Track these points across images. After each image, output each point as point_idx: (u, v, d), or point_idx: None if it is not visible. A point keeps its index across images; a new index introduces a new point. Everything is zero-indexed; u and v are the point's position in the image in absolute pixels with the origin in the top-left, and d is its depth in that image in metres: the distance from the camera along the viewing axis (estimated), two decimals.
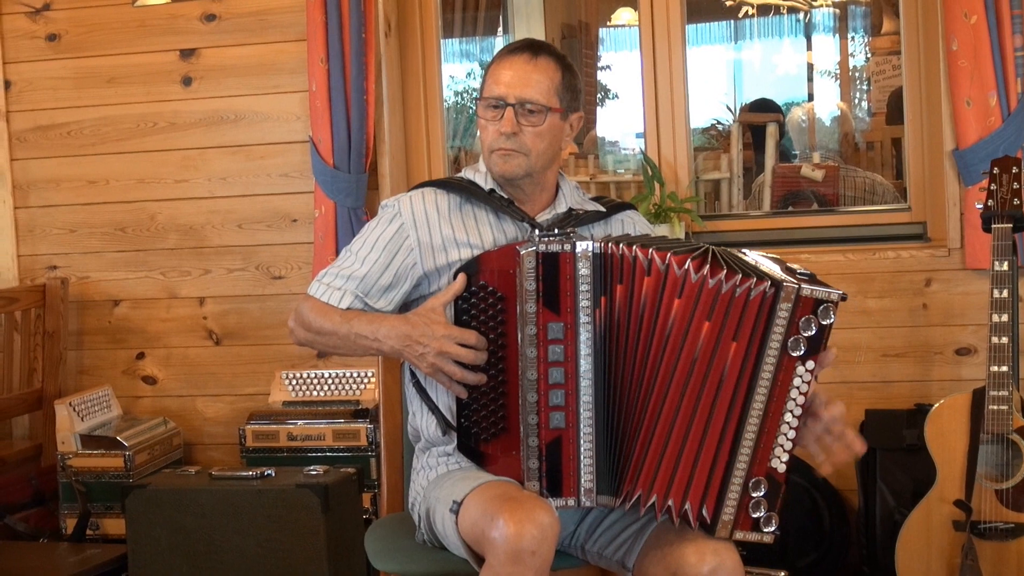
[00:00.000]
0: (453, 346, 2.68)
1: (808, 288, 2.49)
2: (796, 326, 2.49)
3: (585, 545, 2.83)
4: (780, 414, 2.54)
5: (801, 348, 2.51)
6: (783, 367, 2.51)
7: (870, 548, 4.02)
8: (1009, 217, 3.56)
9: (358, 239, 2.91)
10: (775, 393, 2.52)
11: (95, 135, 4.74)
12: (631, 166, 6.20)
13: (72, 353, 4.80)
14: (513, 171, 2.84)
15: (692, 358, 2.55)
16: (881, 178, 5.53)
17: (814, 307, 2.50)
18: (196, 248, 4.71)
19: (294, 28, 4.51)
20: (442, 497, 2.72)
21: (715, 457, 2.56)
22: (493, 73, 2.86)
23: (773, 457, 2.55)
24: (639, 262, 2.59)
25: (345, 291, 2.83)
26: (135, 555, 3.92)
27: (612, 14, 8.30)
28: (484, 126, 2.86)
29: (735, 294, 2.52)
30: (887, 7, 7.46)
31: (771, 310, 2.50)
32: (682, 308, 2.56)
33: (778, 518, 2.58)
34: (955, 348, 4.20)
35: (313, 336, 2.86)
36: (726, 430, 2.55)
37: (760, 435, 2.54)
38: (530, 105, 2.81)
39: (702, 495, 2.57)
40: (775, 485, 2.57)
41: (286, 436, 4.32)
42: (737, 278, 2.52)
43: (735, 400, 2.54)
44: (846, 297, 2.53)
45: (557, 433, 2.63)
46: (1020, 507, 3.52)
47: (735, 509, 2.56)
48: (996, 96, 3.97)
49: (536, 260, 2.60)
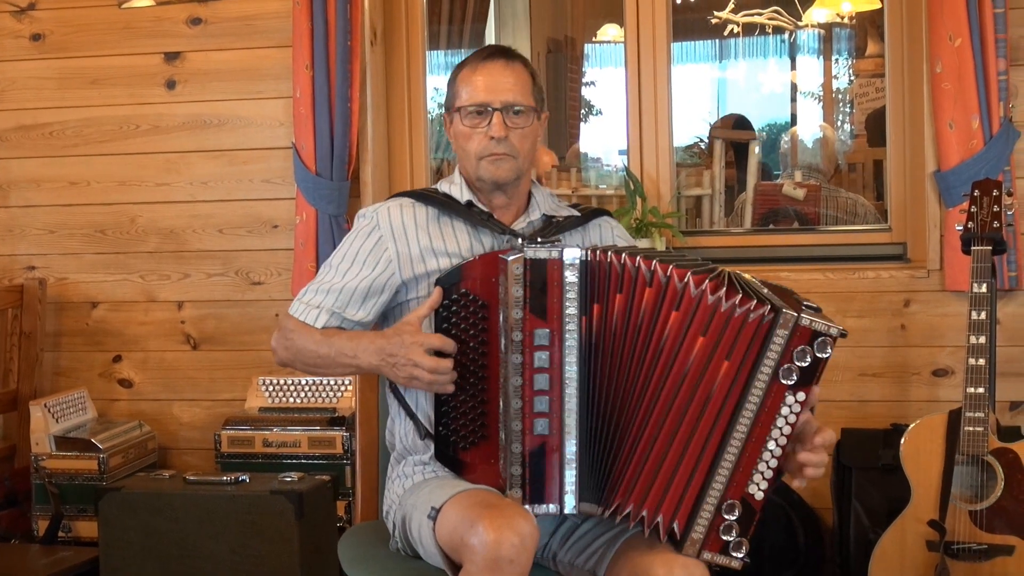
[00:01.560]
0: (420, 353, 2.68)
1: (808, 319, 2.48)
2: (791, 354, 2.48)
3: (557, 555, 2.83)
4: (764, 440, 2.52)
5: (793, 377, 2.49)
6: (772, 393, 2.50)
7: (844, 567, 4.03)
8: (989, 239, 3.57)
9: (337, 252, 2.93)
10: (761, 418, 2.51)
11: (77, 136, 4.73)
12: (613, 181, 6.21)
13: (49, 354, 4.78)
14: (506, 175, 2.85)
15: (683, 371, 2.55)
16: (863, 199, 5.54)
17: (811, 338, 2.48)
18: (176, 252, 4.70)
19: (280, 34, 4.51)
20: (419, 504, 2.71)
21: (692, 473, 2.55)
22: (468, 81, 2.87)
23: (751, 483, 2.54)
24: (641, 273, 2.59)
25: (321, 309, 2.84)
26: (107, 558, 3.90)
27: (598, 30, 8.30)
28: (468, 134, 2.86)
29: (734, 313, 2.51)
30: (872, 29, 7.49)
31: (767, 334, 2.49)
32: (678, 321, 2.55)
33: (748, 545, 2.56)
34: (932, 369, 4.21)
35: (294, 356, 2.88)
36: (707, 447, 2.54)
37: (740, 458, 2.53)
38: (517, 107, 2.83)
39: (675, 509, 2.57)
40: (749, 511, 2.55)
41: (262, 442, 4.31)
42: (738, 298, 2.51)
43: (720, 418, 2.53)
44: (846, 334, 2.50)
45: (541, 440, 2.63)
46: (994, 528, 3.53)
47: (706, 528, 2.55)
48: (979, 119, 3.99)
49: (524, 266, 2.60)
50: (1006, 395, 4.10)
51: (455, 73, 2.92)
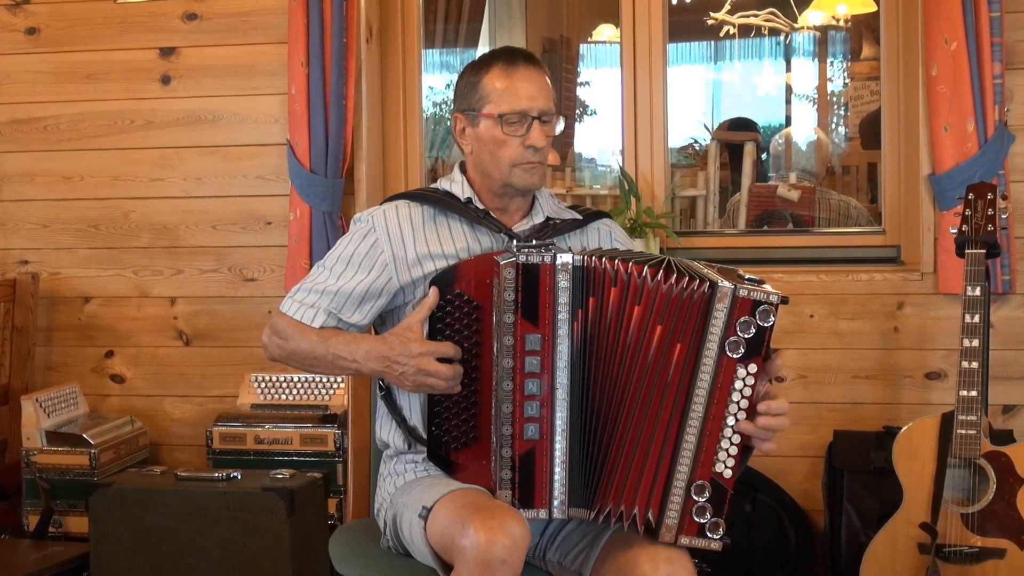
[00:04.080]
0: (432, 363, 2.67)
1: (745, 289, 2.50)
2: (734, 327, 2.50)
3: (546, 555, 2.83)
4: (722, 417, 2.54)
5: (740, 350, 2.51)
6: (723, 368, 2.52)
7: (835, 569, 4.03)
8: (983, 243, 3.58)
9: (331, 254, 2.90)
10: (715, 395, 2.53)
11: (72, 131, 4.72)
12: (607, 182, 6.21)
13: (41, 349, 4.77)
14: (538, 183, 2.87)
15: (647, 362, 2.57)
16: (855, 201, 5.55)
17: (752, 308, 2.50)
18: (169, 247, 4.69)
19: (275, 30, 4.50)
20: (410, 503, 2.71)
21: (659, 460, 2.56)
22: (505, 86, 2.81)
23: (717, 461, 2.55)
24: (607, 273, 2.60)
25: (318, 308, 2.82)
26: (97, 554, 3.90)
27: (594, 30, 8.30)
28: (503, 141, 2.81)
29: (682, 296, 2.53)
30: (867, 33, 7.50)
31: (708, 309, 2.51)
32: (640, 315, 2.57)
33: (725, 525, 2.56)
34: (925, 372, 4.21)
35: (288, 354, 2.86)
36: (669, 432, 2.55)
37: (702, 438, 2.54)
38: (547, 116, 2.83)
39: (647, 499, 2.58)
40: (720, 491, 2.55)
41: (253, 439, 4.30)
42: (684, 280, 2.53)
43: (677, 401, 2.55)
44: (787, 300, 2.52)
45: (531, 444, 2.62)
46: (985, 531, 3.53)
47: (679, 513, 2.55)
48: (974, 122, 4.00)
49: (516, 271, 2.59)
50: (998, 399, 4.11)
51: (477, 74, 2.85)
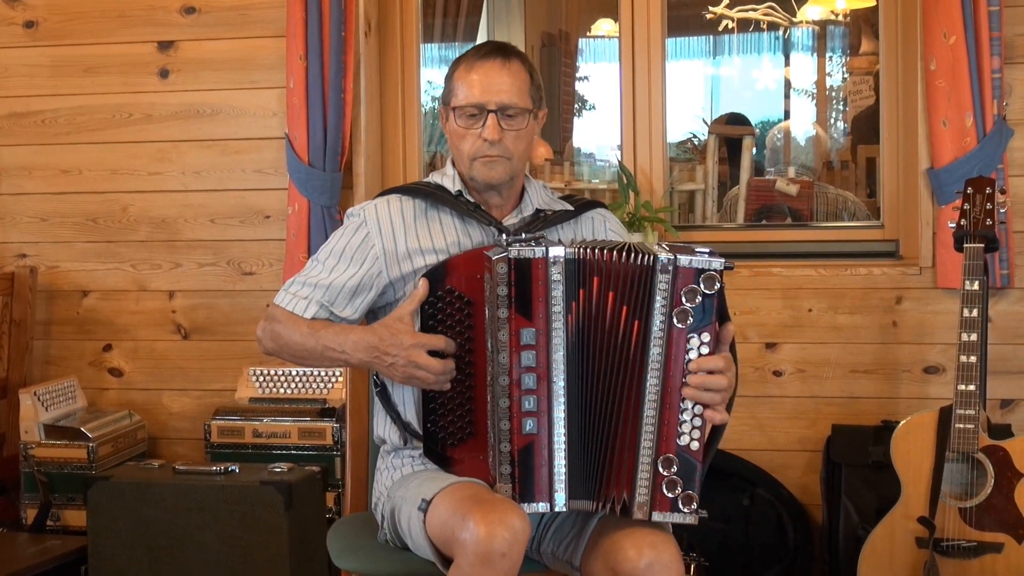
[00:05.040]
0: (423, 355, 2.68)
1: (686, 258, 2.51)
2: (679, 297, 2.51)
3: (540, 546, 2.83)
4: (679, 388, 2.54)
5: (688, 319, 2.52)
6: (673, 340, 2.53)
7: (833, 563, 4.03)
8: (981, 237, 3.58)
9: (324, 248, 2.91)
10: (669, 367, 2.53)
11: (70, 124, 4.71)
12: (606, 176, 6.20)
13: (39, 343, 4.77)
14: (499, 177, 2.84)
15: (618, 343, 2.58)
16: (853, 196, 5.54)
17: (695, 277, 2.51)
18: (167, 241, 4.68)
19: (274, 24, 4.49)
20: (409, 496, 2.71)
21: (627, 438, 2.57)
22: (464, 79, 2.83)
23: (682, 434, 2.55)
24: (596, 264, 2.61)
25: (310, 300, 2.83)
26: (96, 547, 3.90)
27: (592, 24, 8.29)
28: (462, 134, 2.84)
29: (632, 272, 2.55)
30: (866, 27, 7.49)
31: (651, 280, 2.52)
32: (613, 298, 2.59)
33: (698, 498, 2.56)
34: (923, 366, 4.21)
35: (280, 347, 2.86)
36: (632, 408, 2.56)
37: (661, 410, 2.54)
38: (511, 110, 2.81)
39: (620, 478, 2.58)
40: (688, 464, 2.55)
41: (251, 433, 4.30)
42: (637, 257, 2.55)
43: (635, 377, 2.56)
44: (732, 267, 2.54)
45: (530, 439, 2.61)
46: (983, 526, 3.53)
47: (648, 489, 2.55)
48: (972, 117, 3.99)
49: (508, 266, 2.58)
50: (997, 393, 4.10)
51: (453, 68, 2.89)
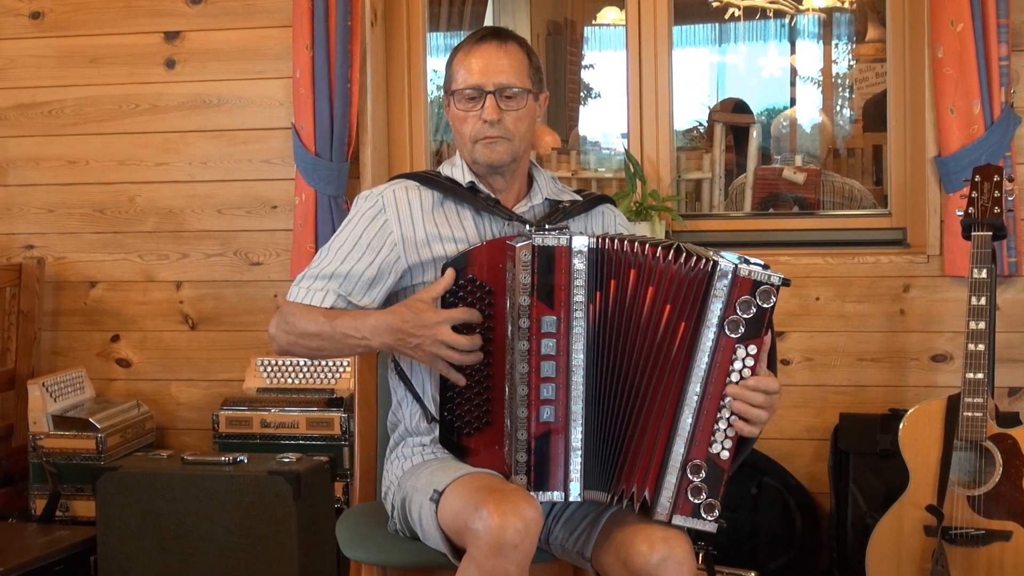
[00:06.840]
0: (448, 332, 2.67)
1: (746, 268, 2.50)
2: (734, 306, 2.51)
3: (550, 538, 2.82)
4: (719, 396, 2.54)
5: (740, 330, 2.52)
6: (721, 347, 2.53)
7: (841, 552, 4.03)
8: (989, 225, 3.57)
9: (339, 236, 2.87)
10: (713, 374, 2.53)
11: (76, 115, 4.71)
12: (612, 164, 6.20)
13: (47, 334, 4.78)
14: (500, 158, 2.84)
15: (655, 342, 2.58)
16: (859, 184, 5.54)
17: (752, 288, 2.51)
18: (174, 232, 4.69)
19: (280, 14, 4.49)
20: (420, 486, 2.71)
21: (656, 438, 2.57)
22: (463, 64, 2.85)
23: (714, 442, 2.55)
24: (627, 256, 2.60)
25: (328, 291, 2.80)
26: (104, 537, 3.90)
27: (598, 12, 8.28)
28: (463, 118, 2.85)
29: (688, 275, 2.54)
30: (872, 15, 7.48)
31: (708, 287, 2.52)
32: (653, 295, 2.58)
33: (720, 506, 2.56)
34: (931, 355, 4.21)
35: (296, 339, 2.80)
36: (667, 410, 2.56)
37: (699, 416, 2.54)
38: (509, 90, 2.82)
39: (644, 477, 2.58)
40: (716, 471, 2.55)
41: (259, 423, 4.30)
42: (692, 260, 2.54)
43: (676, 379, 2.55)
44: (788, 282, 2.53)
45: (547, 427, 2.61)
46: (991, 514, 3.53)
47: (674, 493, 2.56)
48: (980, 104, 3.99)
49: (532, 253, 2.59)
50: (1005, 381, 4.10)
51: (452, 55, 2.91)
